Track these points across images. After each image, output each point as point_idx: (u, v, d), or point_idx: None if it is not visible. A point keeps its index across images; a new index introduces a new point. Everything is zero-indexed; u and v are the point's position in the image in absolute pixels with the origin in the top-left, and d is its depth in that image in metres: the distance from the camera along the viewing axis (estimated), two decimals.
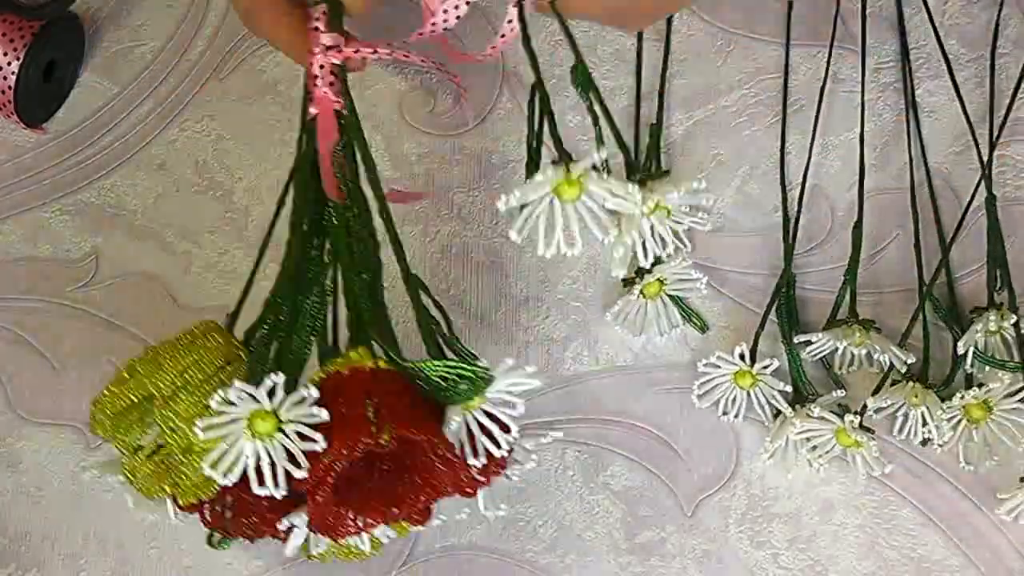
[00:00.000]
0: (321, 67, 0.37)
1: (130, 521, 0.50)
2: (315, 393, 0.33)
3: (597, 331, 0.50)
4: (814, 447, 0.46)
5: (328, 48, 0.38)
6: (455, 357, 0.36)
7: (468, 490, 0.37)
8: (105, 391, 0.37)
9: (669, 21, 0.55)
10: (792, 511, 0.47)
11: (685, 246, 0.50)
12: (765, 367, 0.46)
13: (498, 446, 0.35)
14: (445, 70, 0.46)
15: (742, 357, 0.46)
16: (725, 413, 0.48)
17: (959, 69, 0.52)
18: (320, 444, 0.32)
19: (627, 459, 0.49)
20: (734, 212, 0.52)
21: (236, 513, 0.38)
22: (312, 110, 0.38)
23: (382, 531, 0.39)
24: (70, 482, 0.51)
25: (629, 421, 0.49)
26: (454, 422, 0.34)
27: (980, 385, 0.44)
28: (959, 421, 0.45)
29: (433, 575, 0.48)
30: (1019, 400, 0.44)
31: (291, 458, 0.33)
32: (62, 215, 0.55)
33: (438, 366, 0.34)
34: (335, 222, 0.37)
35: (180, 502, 0.37)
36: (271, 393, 0.32)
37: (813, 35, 0.54)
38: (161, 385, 0.36)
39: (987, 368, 0.46)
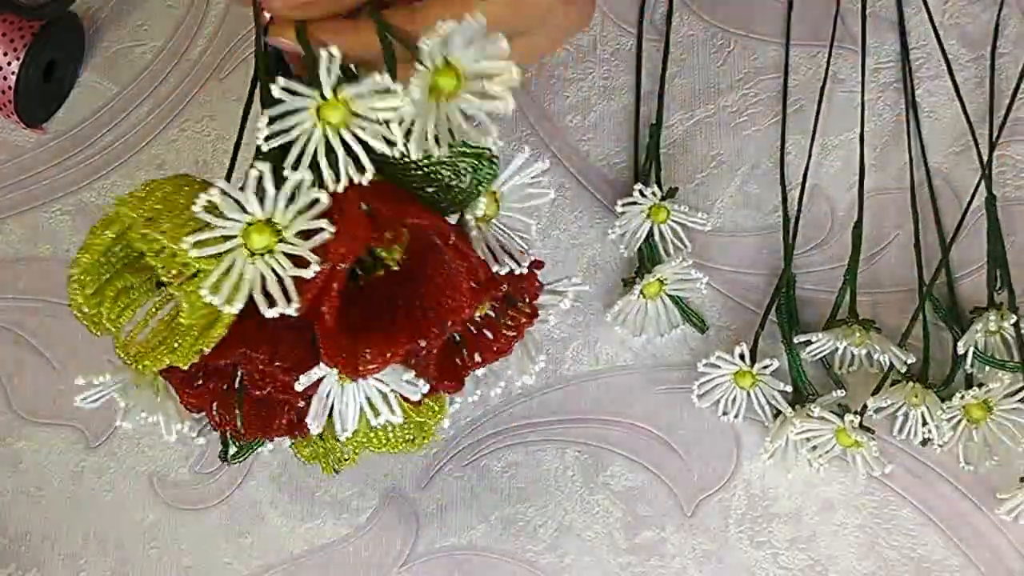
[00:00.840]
0: None
1: (130, 521, 0.50)
2: (315, 194, 0.29)
3: (597, 331, 0.50)
4: (814, 447, 0.46)
5: None
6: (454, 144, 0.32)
7: (510, 332, 0.35)
8: (80, 248, 0.32)
9: (669, 21, 0.55)
10: (792, 511, 0.47)
11: (685, 246, 0.50)
12: (765, 367, 0.46)
13: (518, 263, 0.33)
14: None
15: (742, 357, 0.46)
16: (725, 413, 0.47)
17: (959, 69, 0.52)
18: (326, 232, 0.29)
19: (627, 459, 0.49)
20: (734, 212, 0.52)
21: (248, 394, 0.35)
22: (267, 15, 0.37)
23: (406, 382, 0.35)
24: (70, 482, 0.51)
25: (629, 421, 0.49)
26: (470, 223, 0.32)
27: (980, 385, 0.44)
28: (959, 421, 0.45)
29: (433, 575, 0.48)
30: (1019, 400, 0.44)
31: (298, 262, 0.30)
32: (62, 215, 0.55)
33: (432, 158, 0.31)
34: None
35: (181, 365, 0.33)
36: (260, 195, 0.29)
37: (813, 35, 0.54)
38: (141, 210, 0.31)
39: (987, 368, 0.46)
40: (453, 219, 0.34)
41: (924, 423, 0.45)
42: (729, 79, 0.54)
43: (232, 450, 0.41)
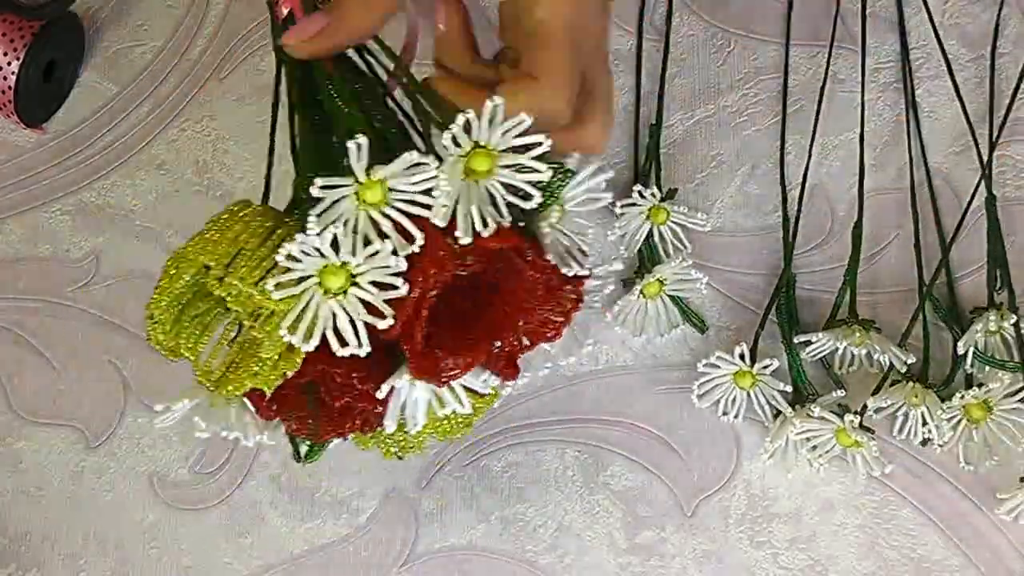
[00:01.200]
0: None
1: (130, 521, 0.50)
2: (388, 247, 0.31)
3: (597, 331, 0.50)
4: (814, 447, 0.46)
5: None
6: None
7: (558, 318, 0.37)
8: (156, 288, 0.34)
9: (669, 21, 0.55)
10: (792, 511, 0.47)
11: (685, 247, 0.50)
12: (765, 367, 0.46)
13: (580, 265, 0.35)
14: None
15: (742, 357, 0.46)
16: (725, 413, 0.47)
17: (959, 69, 0.52)
18: (401, 289, 0.31)
19: (627, 459, 0.49)
20: (734, 212, 0.52)
21: (325, 403, 0.37)
22: (284, 10, 0.38)
23: (481, 381, 0.37)
24: (70, 482, 0.51)
25: (629, 421, 0.49)
26: (546, 232, 0.34)
27: (980, 385, 0.44)
28: (959, 421, 0.45)
29: (433, 575, 0.48)
30: (1019, 400, 0.44)
31: (372, 310, 0.31)
32: (62, 215, 0.55)
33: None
34: (334, 93, 0.37)
35: (265, 389, 0.34)
36: (334, 246, 0.31)
37: (813, 35, 0.54)
38: (217, 254, 0.33)
39: (987, 368, 0.46)
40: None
41: (924, 423, 0.45)
42: (729, 79, 0.54)
43: (303, 450, 0.42)
